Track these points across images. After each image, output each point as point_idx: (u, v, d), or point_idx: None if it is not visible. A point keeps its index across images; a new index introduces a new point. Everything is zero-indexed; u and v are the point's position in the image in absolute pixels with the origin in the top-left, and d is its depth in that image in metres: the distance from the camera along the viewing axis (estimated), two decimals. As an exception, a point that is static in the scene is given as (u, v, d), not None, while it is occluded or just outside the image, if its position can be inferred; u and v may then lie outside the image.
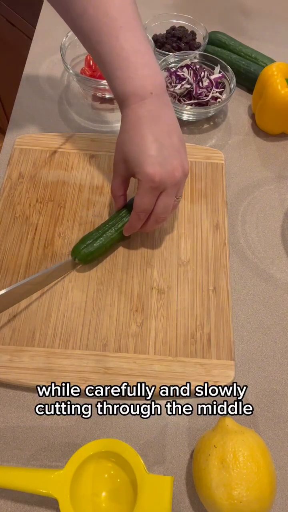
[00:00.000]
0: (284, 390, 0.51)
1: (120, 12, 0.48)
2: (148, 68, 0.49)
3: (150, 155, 0.48)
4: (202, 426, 0.49)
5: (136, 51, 0.48)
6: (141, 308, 0.54)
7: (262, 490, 0.39)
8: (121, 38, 0.48)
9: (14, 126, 0.72)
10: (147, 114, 0.49)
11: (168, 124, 0.50)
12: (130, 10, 0.49)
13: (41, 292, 0.54)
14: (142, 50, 0.49)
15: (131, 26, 0.49)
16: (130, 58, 0.48)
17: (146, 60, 0.49)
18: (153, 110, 0.49)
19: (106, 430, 0.48)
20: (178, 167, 0.49)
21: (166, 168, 0.48)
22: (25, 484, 0.41)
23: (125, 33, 0.48)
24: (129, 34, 0.48)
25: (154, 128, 0.49)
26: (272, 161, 0.70)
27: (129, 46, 0.48)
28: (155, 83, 0.49)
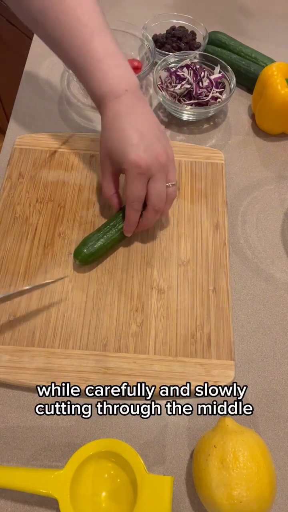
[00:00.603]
0: (284, 390, 0.51)
1: (90, 17, 0.51)
2: (120, 68, 0.52)
3: (132, 144, 0.50)
4: (202, 426, 0.49)
5: (108, 53, 0.51)
6: (141, 308, 0.54)
7: (262, 490, 0.39)
8: (93, 42, 0.50)
9: (14, 126, 0.72)
10: (124, 109, 0.51)
11: (146, 116, 0.52)
12: (99, 15, 0.52)
13: (41, 292, 0.54)
14: (113, 53, 0.51)
15: (101, 30, 0.52)
16: (103, 60, 0.51)
17: (118, 62, 0.52)
18: (129, 105, 0.51)
19: (106, 430, 0.48)
20: (161, 153, 0.51)
21: (150, 153, 0.50)
22: (25, 484, 0.41)
23: (97, 37, 0.51)
24: (101, 38, 0.51)
25: (133, 121, 0.51)
26: (272, 161, 0.71)
27: (102, 49, 0.51)
28: (128, 81, 0.51)
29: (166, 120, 0.75)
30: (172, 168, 0.53)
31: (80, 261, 0.55)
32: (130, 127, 0.50)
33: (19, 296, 0.53)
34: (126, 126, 0.51)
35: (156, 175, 0.51)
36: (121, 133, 0.51)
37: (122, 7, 0.92)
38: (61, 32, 0.51)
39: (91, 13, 0.51)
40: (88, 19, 0.51)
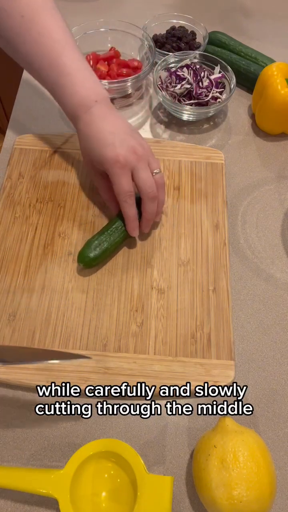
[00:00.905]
0: (284, 390, 0.51)
1: (60, 34, 0.54)
2: (89, 81, 0.55)
3: (107, 144, 0.53)
4: (202, 426, 0.49)
5: (77, 68, 0.54)
6: (141, 308, 0.54)
7: (262, 490, 0.39)
8: (63, 57, 0.54)
9: (14, 126, 0.72)
10: (96, 118, 0.54)
11: (117, 120, 0.55)
12: (67, 30, 0.55)
13: (41, 292, 0.54)
14: (82, 67, 0.55)
15: (70, 45, 0.55)
16: (74, 75, 0.54)
17: (86, 75, 0.55)
18: (100, 114, 0.54)
19: (106, 430, 0.48)
20: (136, 146, 0.53)
21: (125, 147, 0.53)
22: (25, 484, 0.41)
23: (67, 53, 0.54)
24: (71, 54, 0.54)
25: (105, 125, 0.54)
26: (272, 161, 0.70)
27: (71, 64, 0.54)
28: (98, 93, 0.55)
29: (166, 120, 0.75)
30: (152, 158, 0.56)
31: (84, 265, 0.55)
32: (102, 131, 0.53)
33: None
34: (99, 130, 0.54)
35: (137, 165, 0.53)
36: (95, 138, 0.54)
37: (122, 7, 0.92)
38: (34, 49, 0.54)
39: (59, 29, 0.54)
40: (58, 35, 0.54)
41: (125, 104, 0.76)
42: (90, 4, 0.91)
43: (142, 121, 0.74)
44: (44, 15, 0.54)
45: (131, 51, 0.80)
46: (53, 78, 0.55)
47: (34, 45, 0.54)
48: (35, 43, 0.54)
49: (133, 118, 0.75)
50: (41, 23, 0.53)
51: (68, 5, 0.90)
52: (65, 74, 0.54)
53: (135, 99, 0.77)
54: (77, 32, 0.77)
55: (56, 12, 0.55)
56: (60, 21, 0.55)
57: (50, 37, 0.54)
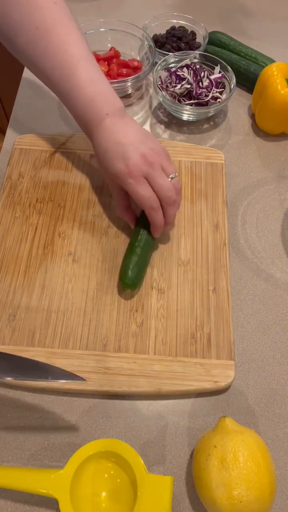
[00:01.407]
0: (284, 390, 0.51)
1: (77, 47, 0.54)
2: (102, 95, 0.54)
3: (118, 157, 0.53)
4: (202, 426, 0.49)
5: (91, 81, 0.54)
6: (141, 308, 0.54)
7: (262, 490, 0.39)
8: (78, 71, 0.53)
9: (14, 126, 0.72)
10: (106, 133, 0.54)
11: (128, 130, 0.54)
12: (84, 44, 0.55)
13: (41, 292, 0.54)
14: (96, 80, 0.55)
15: (87, 59, 0.54)
16: (87, 87, 0.54)
17: (100, 89, 0.55)
18: (110, 128, 0.54)
19: (106, 430, 0.48)
20: (146, 151, 0.53)
21: (135, 157, 0.52)
22: (25, 484, 0.41)
23: (82, 66, 0.54)
24: (85, 67, 0.54)
25: (113, 138, 0.53)
26: (272, 161, 0.70)
27: (85, 76, 0.54)
28: (110, 106, 0.54)
29: (166, 120, 0.75)
30: (166, 162, 0.55)
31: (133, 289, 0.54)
32: (112, 145, 0.53)
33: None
34: (110, 145, 0.53)
35: (151, 173, 0.53)
36: (107, 154, 0.53)
37: (122, 7, 0.92)
38: (50, 63, 0.54)
39: (77, 43, 0.54)
40: (75, 49, 0.54)
41: (125, 104, 0.76)
42: (90, 4, 0.91)
43: (142, 121, 0.75)
44: (59, 28, 0.54)
45: (131, 51, 0.80)
46: (67, 91, 0.54)
47: (49, 57, 0.53)
48: (49, 56, 0.53)
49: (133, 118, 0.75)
50: (56, 36, 0.53)
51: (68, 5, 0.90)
52: (78, 88, 0.54)
53: (135, 99, 0.77)
54: (77, 32, 0.77)
55: (72, 25, 0.55)
56: (75, 35, 0.55)
57: (64, 50, 0.53)
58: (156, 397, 0.50)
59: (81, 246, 0.58)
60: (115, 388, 0.49)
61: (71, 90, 0.54)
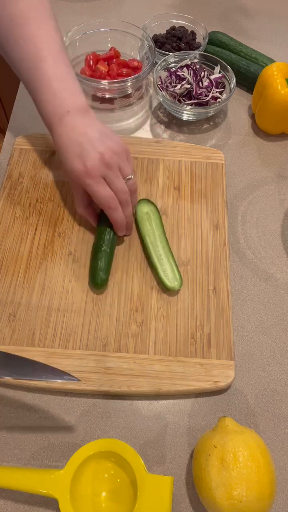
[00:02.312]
0: (284, 390, 0.51)
1: (47, 43, 0.54)
2: (66, 91, 0.54)
3: (75, 156, 0.52)
4: (202, 426, 0.49)
5: (56, 78, 0.54)
6: (141, 308, 0.54)
7: (262, 490, 0.39)
8: (44, 66, 0.54)
9: (14, 126, 0.72)
10: (65, 129, 0.53)
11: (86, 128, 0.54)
12: (57, 40, 0.55)
13: (41, 292, 0.54)
14: (62, 77, 0.54)
15: (55, 55, 0.54)
16: (51, 83, 0.54)
17: (64, 85, 0.54)
18: (70, 125, 0.53)
19: (106, 430, 0.48)
20: (105, 152, 0.52)
21: (92, 156, 0.52)
22: (25, 484, 0.41)
23: (49, 61, 0.54)
24: (52, 63, 0.54)
25: (72, 135, 0.53)
26: (272, 161, 0.70)
27: (51, 72, 0.54)
28: (72, 103, 0.54)
29: (166, 120, 0.75)
30: (124, 163, 0.55)
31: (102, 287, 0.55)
32: (69, 142, 0.53)
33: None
34: (66, 142, 0.53)
35: (108, 174, 0.53)
36: (64, 151, 0.53)
37: (122, 7, 0.92)
38: (19, 54, 0.54)
39: (47, 38, 0.54)
40: (44, 44, 0.54)
41: (125, 104, 0.76)
42: (90, 4, 0.91)
43: (142, 121, 0.74)
44: (33, 22, 0.54)
45: (131, 51, 0.80)
46: (33, 82, 0.54)
47: (19, 49, 0.54)
48: (19, 49, 0.54)
49: (133, 118, 0.75)
50: (28, 31, 0.54)
51: (68, 5, 0.90)
52: (43, 80, 0.54)
53: (135, 99, 0.77)
54: (77, 32, 0.77)
55: (47, 21, 0.55)
56: (50, 32, 0.55)
57: (33, 44, 0.54)
58: (156, 397, 0.50)
59: (81, 246, 0.58)
60: (115, 388, 0.49)
61: (36, 83, 0.54)
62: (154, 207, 0.60)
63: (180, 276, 0.55)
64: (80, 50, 0.77)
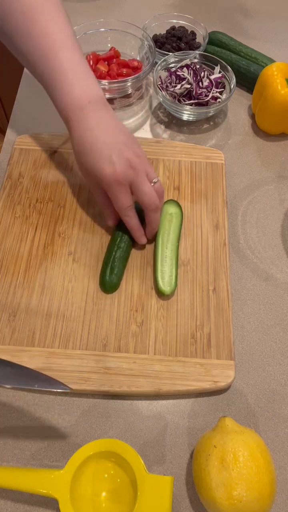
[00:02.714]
0: (284, 390, 0.51)
1: (59, 34, 0.54)
2: (84, 82, 0.54)
3: (104, 158, 0.51)
4: (202, 426, 0.49)
5: (73, 67, 0.53)
6: (141, 308, 0.54)
7: (262, 490, 0.39)
8: (59, 56, 0.53)
9: (14, 126, 0.72)
10: (89, 122, 0.52)
11: (111, 128, 0.53)
12: (68, 32, 0.55)
13: (41, 292, 0.54)
14: (78, 66, 0.54)
15: (69, 45, 0.54)
16: (68, 73, 0.53)
17: (82, 74, 0.54)
18: (93, 118, 0.53)
19: (106, 430, 0.48)
20: (132, 157, 0.52)
21: (122, 162, 0.51)
22: (25, 484, 0.41)
23: (63, 52, 0.53)
24: (67, 53, 0.54)
25: (99, 134, 0.52)
26: (272, 161, 0.70)
27: (67, 63, 0.53)
28: (91, 93, 0.53)
29: (166, 120, 0.75)
30: (148, 167, 0.55)
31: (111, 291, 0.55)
32: (97, 141, 0.52)
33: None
34: (94, 140, 0.52)
35: (136, 180, 0.52)
36: (90, 149, 0.52)
37: (122, 7, 0.92)
38: (32, 46, 0.54)
39: (60, 30, 0.54)
40: (57, 35, 0.54)
41: (125, 104, 0.76)
42: (90, 4, 0.91)
43: (142, 121, 0.74)
44: (46, 14, 0.54)
45: (131, 51, 0.80)
46: (47, 74, 0.54)
47: (32, 41, 0.53)
48: (33, 40, 0.53)
49: (133, 118, 0.75)
50: (41, 22, 0.53)
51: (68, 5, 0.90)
52: (59, 71, 0.53)
53: (135, 99, 0.77)
54: (77, 32, 0.77)
55: (59, 14, 0.55)
56: (62, 23, 0.55)
57: (47, 34, 0.53)
58: (156, 397, 0.50)
59: (81, 246, 0.58)
60: (115, 388, 0.49)
61: (52, 74, 0.53)
62: (180, 210, 0.60)
63: (175, 283, 0.55)
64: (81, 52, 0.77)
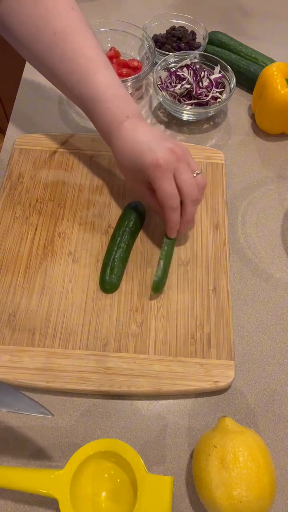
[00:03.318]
0: (284, 390, 0.51)
1: (95, 53, 0.55)
2: (122, 98, 0.55)
3: (144, 150, 0.52)
4: (202, 426, 0.49)
5: (110, 85, 0.55)
6: (141, 308, 0.54)
7: (262, 490, 0.39)
8: (98, 75, 0.55)
9: (14, 126, 0.72)
10: (128, 131, 0.54)
11: (148, 129, 0.55)
12: (101, 50, 0.56)
13: (41, 292, 0.54)
14: (115, 84, 0.56)
15: (104, 64, 0.56)
16: (107, 92, 0.55)
17: (119, 92, 0.55)
18: (132, 128, 0.54)
19: (106, 430, 0.48)
20: (174, 147, 0.52)
21: (164, 150, 0.51)
22: (25, 484, 0.41)
23: (101, 71, 0.55)
24: (105, 72, 0.55)
25: (138, 134, 0.54)
26: (272, 161, 0.70)
27: (105, 82, 0.55)
28: (129, 109, 0.55)
29: (166, 120, 0.75)
30: (191, 159, 0.54)
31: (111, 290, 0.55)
32: (136, 140, 0.53)
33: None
34: (133, 140, 0.53)
35: (179, 167, 0.52)
36: (130, 148, 0.53)
37: (122, 7, 0.92)
38: (70, 67, 0.55)
39: (94, 50, 0.55)
40: (93, 54, 0.55)
41: (125, 104, 0.76)
42: (90, 4, 0.91)
43: (142, 121, 0.74)
44: (78, 34, 0.55)
45: (131, 51, 0.80)
46: (86, 95, 0.55)
47: (67, 62, 0.54)
48: (67, 61, 0.54)
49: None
50: (74, 42, 0.54)
51: (68, 5, 0.90)
52: (99, 92, 0.54)
53: (135, 99, 0.77)
54: (77, 32, 0.77)
55: (89, 31, 0.56)
56: (93, 41, 0.56)
57: (83, 55, 0.54)
58: (156, 397, 0.50)
59: (81, 246, 0.58)
60: (115, 388, 0.49)
61: (92, 95, 0.55)
62: None
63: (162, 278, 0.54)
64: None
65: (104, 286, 0.54)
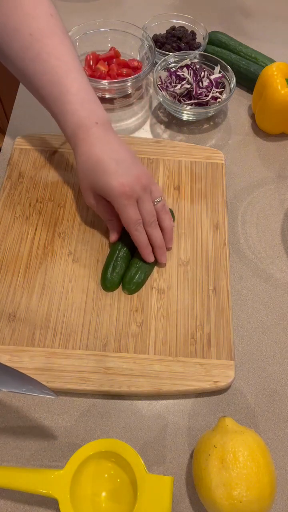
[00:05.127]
0: (284, 390, 0.51)
1: (69, 58, 0.55)
2: (92, 103, 0.55)
3: (112, 172, 0.51)
4: (202, 426, 0.49)
5: (81, 89, 0.54)
6: (141, 308, 0.54)
7: (262, 490, 0.39)
8: (69, 78, 0.54)
9: (14, 126, 0.72)
10: (96, 141, 0.53)
11: (119, 145, 0.54)
12: (76, 57, 0.56)
13: (41, 292, 0.54)
14: (86, 89, 0.55)
15: (76, 68, 0.55)
16: (78, 94, 0.54)
17: (90, 97, 0.55)
18: (101, 137, 0.53)
19: (106, 430, 0.48)
20: (141, 174, 0.53)
21: (130, 177, 0.52)
22: (25, 484, 0.41)
23: (74, 74, 0.54)
24: (77, 76, 0.55)
25: (107, 150, 0.53)
26: (272, 161, 0.70)
27: (76, 85, 0.54)
28: (99, 115, 0.54)
29: (166, 120, 0.75)
30: (154, 186, 0.55)
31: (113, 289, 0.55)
32: (105, 156, 0.52)
33: None
34: (102, 156, 0.52)
35: (142, 196, 0.53)
36: (97, 164, 0.52)
37: (122, 7, 0.92)
38: (42, 68, 0.54)
39: (69, 54, 0.55)
40: (67, 58, 0.54)
41: (125, 104, 0.76)
42: (90, 4, 0.91)
43: (142, 121, 0.74)
44: (54, 38, 0.54)
45: (131, 51, 0.80)
46: (55, 96, 0.54)
47: (40, 63, 0.54)
48: (40, 62, 0.54)
49: (133, 118, 0.75)
50: (49, 44, 0.54)
51: (68, 5, 0.90)
52: (69, 93, 0.54)
53: (135, 99, 0.77)
54: (77, 32, 0.77)
55: (66, 38, 0.56)
56: (69, 46, 0.55)
57: (57, 58, 0.54)
58: (156, 397, 0.50)
59: (81, 246, 0.59)
60: (115, 388, 0.49)
61: (60, 95, 0.54)
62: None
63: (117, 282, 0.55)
64: (80, 50, 0.77)
65: (105, 284, 0.54)
